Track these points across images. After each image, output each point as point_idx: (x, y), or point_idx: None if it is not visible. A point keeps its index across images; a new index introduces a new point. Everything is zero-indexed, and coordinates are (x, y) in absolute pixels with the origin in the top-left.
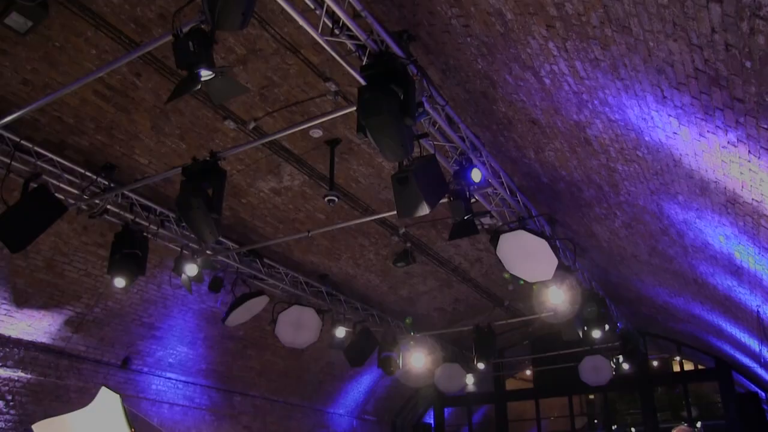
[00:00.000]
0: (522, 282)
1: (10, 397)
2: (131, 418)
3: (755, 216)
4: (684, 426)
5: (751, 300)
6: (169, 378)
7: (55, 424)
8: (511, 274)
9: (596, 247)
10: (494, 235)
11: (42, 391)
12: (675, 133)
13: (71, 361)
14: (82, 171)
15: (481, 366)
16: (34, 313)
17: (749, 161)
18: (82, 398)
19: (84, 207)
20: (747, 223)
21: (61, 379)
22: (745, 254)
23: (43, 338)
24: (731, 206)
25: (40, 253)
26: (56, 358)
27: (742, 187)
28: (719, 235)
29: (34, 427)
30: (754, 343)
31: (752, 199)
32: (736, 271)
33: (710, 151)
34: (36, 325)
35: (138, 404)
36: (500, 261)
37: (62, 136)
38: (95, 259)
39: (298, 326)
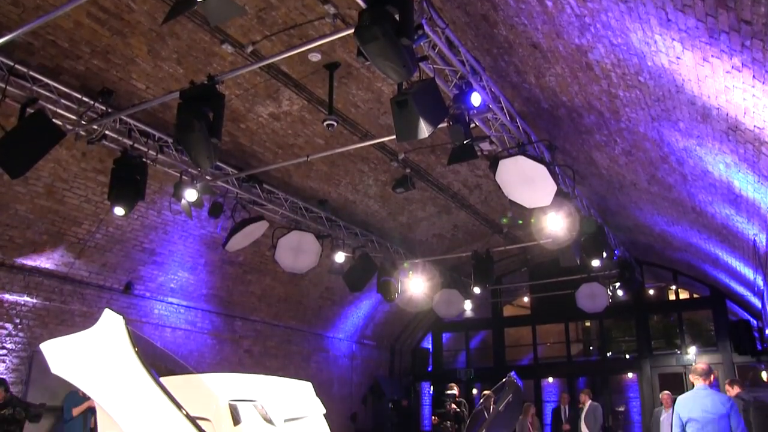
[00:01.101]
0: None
1: (17, 321)
2: (134, 339)
3: (756, 143)
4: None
5: (748, 229)
6: (171, 303)
7: (61, 344)
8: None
9: (595, 175)
10: (493, 161)
11: (47, 315)
12: (678, 57)
13: (74, 287)
14: (79, 96)
15: (477, 290)
16: (36, 239)
17: (753, 87)
18: (86, 322)
19: (82, 133)
20: (747, 151)
21: (65, 303)
22: (744, 182)
23: (46, 264)
24: (732, 133)
25: (40, 180)
26: (60, 283)
27: (744, 113)
28: (719, 163)
29: (41, 346)
30: (748, 272)
31: (754, 126)
32: (735, 200)
33: (713, 76)
34: (39, 251)
35: (141, 328)
36: (499, 187)
37: (57, 61)
38: (95, 186)
39: (297, 251)
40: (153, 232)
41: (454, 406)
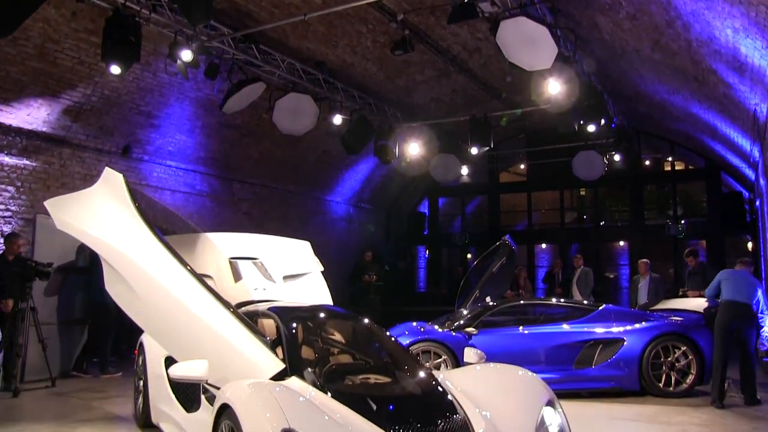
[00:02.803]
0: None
1: (19, 184)
2: (135, 195)
3: None
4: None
5: (750, 98)
6: (170, 165)
7: (65, 201)
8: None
9: (598, 39)
10: (494, 22)
11: (48, 178)
12: None
13: (73, 150)
14: None
15: (474, 151)
16: (31, 102)
17: None
18: (86, 185)
19: None
20: (759, 14)
21: (65, 167)
22: (751, 48)
23: (43, 127)
24: None
25: (29, 41)
26: (58, 146)
27: None
28: (727, 28)
29: (45, 203)
30: (745, 143)
31: None
32: (739, 68)
33: None
34: (35, 114)
35: (140, 191)
36: (499, 49)
37: None
38: (88, 47)
39: (295, 113)
40: (149, 94)
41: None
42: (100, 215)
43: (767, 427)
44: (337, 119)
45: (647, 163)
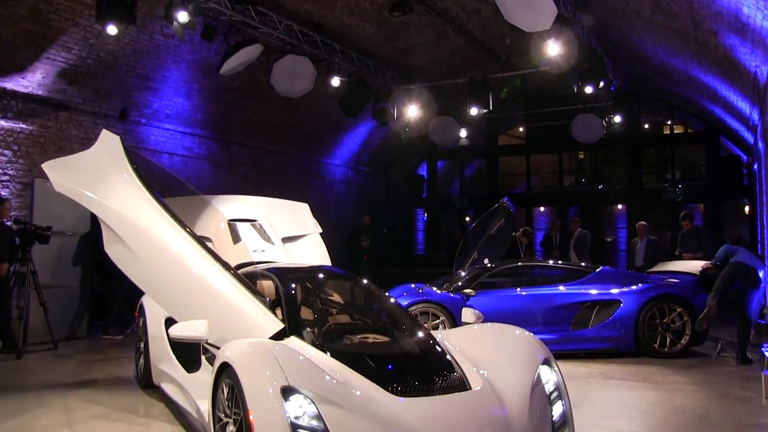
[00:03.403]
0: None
1: (16, 147)
2: (134, 157)
3: None
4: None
5: (751, 60)
6: (167, 129)
7: (62, 163)
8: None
9: (598, 1)
10: None
11: (45, 142)
12: None
13: (70, 113)
14: None
15: (474, 112)
16: (26, 65)
17: None
18: (83, 149)
19: None
20: None
21: (62, 130)
22: (753, 9)
23: (38, 91)
24: None
25: (22, 2)
26: (54, 110)
27: None
28: None
29: (43, 166)
30: (745, 106)
31: None
32: (741, 29)
33: None
34: (30, 78)
35: (138, 153)
36: (498, 10)
37: None
38: (81, 8)
39: (293, 75)
40: (145, 57)
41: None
42: (98, 177)
43: (757, 385)
44: (335, 81)
45: (646, 126)
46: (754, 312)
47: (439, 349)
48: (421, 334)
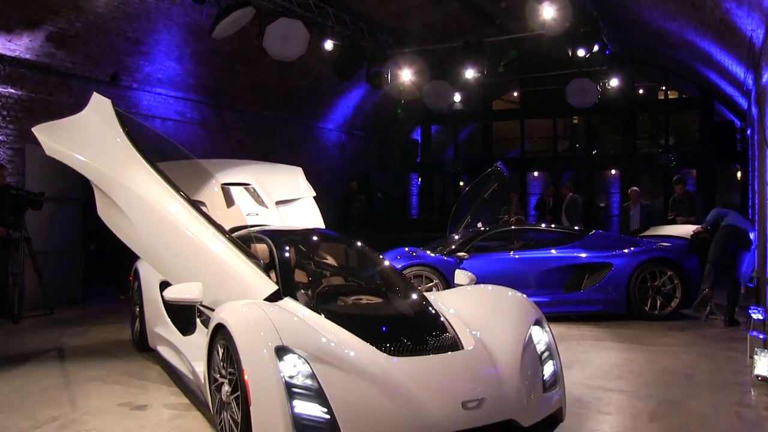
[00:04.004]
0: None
1: (5, 113)
2: (125, 120)
3: None
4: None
5: (747, 24)
6: (159, 93)
7: (53, 127)
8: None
9: None
10: None
11: (35, 107)
12: None
13: (60, 78)
14: None
15: (469, 75)
16: (12, 28)
17: None
18: (74, 114)
19: None
20: None
21: (52, 95)
22: None
23: (27, 54)
24: None
25: None
26: (44, 75)
27: None
28: None
29: (34, 129)
30: (740, 71)
31: None
32: None
33: None
34: (16, 41)
35: (130, 116)
36: None
37: None
38: None
39: (286, 39)
40: (136, 20)
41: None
42: (90, 140)
43: (743, 345)
44: (329, 45)
45: (641, 92)
46: (744, 274)
47: (432, 310)
48: (414, 295)
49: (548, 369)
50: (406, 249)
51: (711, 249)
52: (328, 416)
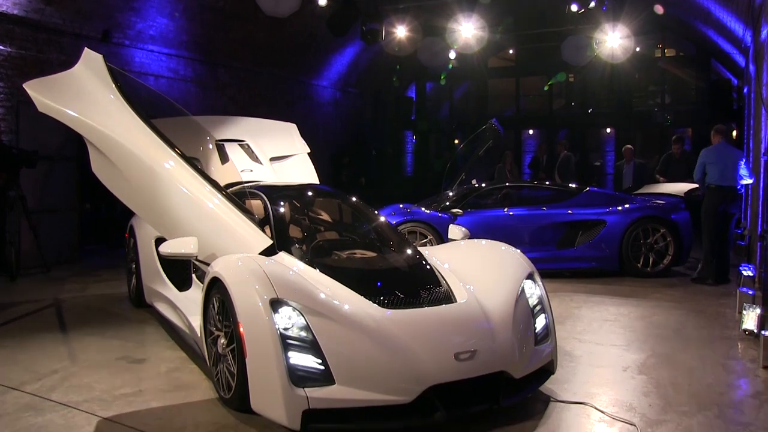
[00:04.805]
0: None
1: None
2: (116, 75)
3: None
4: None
5: None
6: (152, 51)
7: (45, 83)
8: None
9: None
10: None
11: (25, 65)
12: None
13: (49, 35)
14: None
15: (465, 31)
16: None
17: None
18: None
19: None
20: None
21: (42, 52)
22: None
23: (14, 10)
24: None
25: None
26: (33, 31)
27: None
28: None
29: (25, 85)
30: (738, 28)
31: None
32: None
33: None
34: None
35: (122, 72)
36: None
37: None
38: None
39: None
40: None
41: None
42: (83, 96)
43: (732, 302)
44: (322, 1)
45: (637, 49)
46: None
47: (426, 264)
48: (408, 250)
49: (540, 322)
50: (401, 205)
51: (702, 221)
52: (322, 367)
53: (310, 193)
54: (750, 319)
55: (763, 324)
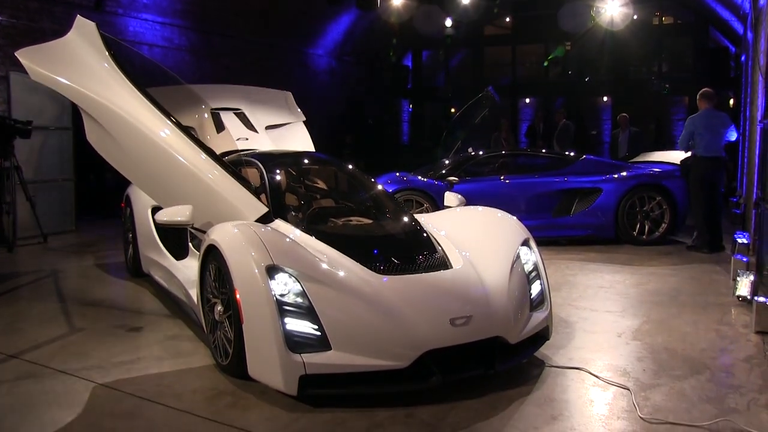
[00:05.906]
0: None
1: None
2: (109, 43)
3: None
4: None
5: None
6: (146, 19)
7: (37, 51)
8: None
9: None
10: None
11: (17, 33)
12: None
13: (41, 3)
14: None
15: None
16: None
17: None
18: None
19: None
20: None
21: (34, 21)
22: None
23: None
24: None
25: None
26: None
27: None
28: None
29: (17, 54)
30: None
31: None
32: None
33: None
34: None
35: (116, 40)
36: None
37: None
38: None
39: None
40: None
41: None
42: (76, 64)
43: (726, 270)
44: None
45: (635, 17)
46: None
47: (422, 231)
48: (404, 217)
49: (535, 288)
50: (397, 174)
51: (690, 185)
52: (318, 333)
53: (306, 161)
54: (743, 286)
55: (756, 290)
